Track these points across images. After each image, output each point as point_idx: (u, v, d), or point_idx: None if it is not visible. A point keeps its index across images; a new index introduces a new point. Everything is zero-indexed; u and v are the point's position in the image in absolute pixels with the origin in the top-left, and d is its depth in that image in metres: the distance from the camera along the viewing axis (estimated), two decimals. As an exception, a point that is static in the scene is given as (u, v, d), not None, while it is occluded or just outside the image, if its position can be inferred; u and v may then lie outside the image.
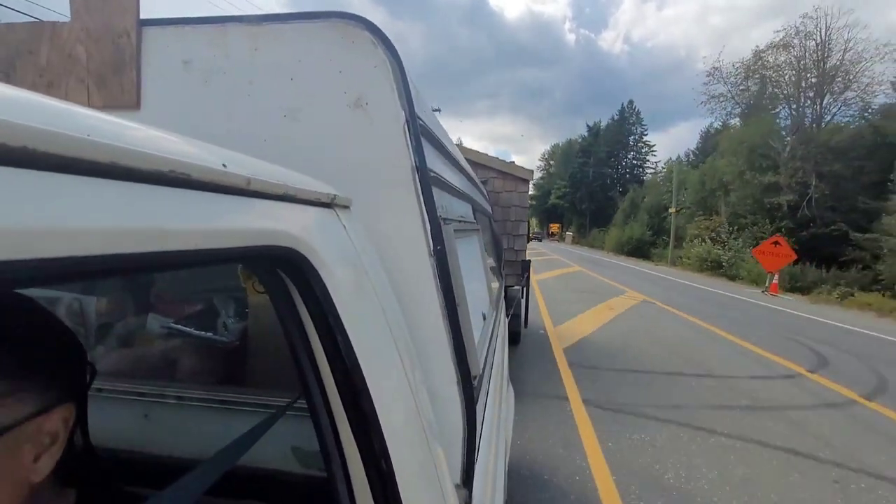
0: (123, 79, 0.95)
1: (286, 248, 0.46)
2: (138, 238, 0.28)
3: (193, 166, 0.33)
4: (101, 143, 0.26)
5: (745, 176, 18.95)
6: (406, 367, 0.67)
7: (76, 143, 0.25)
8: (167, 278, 1.08)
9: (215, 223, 0.36)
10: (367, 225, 0.79)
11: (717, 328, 8.15)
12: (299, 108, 0.88)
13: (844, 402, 4.75)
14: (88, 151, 0.26)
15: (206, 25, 0.91)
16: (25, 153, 0.23)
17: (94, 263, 0.26)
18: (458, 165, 1.47)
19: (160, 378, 1.02)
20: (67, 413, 0.50)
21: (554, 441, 3.56)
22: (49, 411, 0.48)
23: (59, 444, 0.49)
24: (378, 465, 0.55)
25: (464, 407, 0.86)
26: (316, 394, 0.55)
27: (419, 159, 0.86)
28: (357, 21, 0.86)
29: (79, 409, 0.57)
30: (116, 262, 0.28)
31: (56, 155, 0.24)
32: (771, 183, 17.86)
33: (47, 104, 0.26)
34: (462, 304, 0.94)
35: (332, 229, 0.57)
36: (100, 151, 0.26)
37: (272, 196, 0.45)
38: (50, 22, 0.97)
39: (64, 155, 0.24)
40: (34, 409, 0.46)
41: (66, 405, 0.50)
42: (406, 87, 0.87)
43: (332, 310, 0.51)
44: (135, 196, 0.28)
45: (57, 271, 0.24)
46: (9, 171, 0.22)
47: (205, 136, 0.92)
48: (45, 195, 0.23)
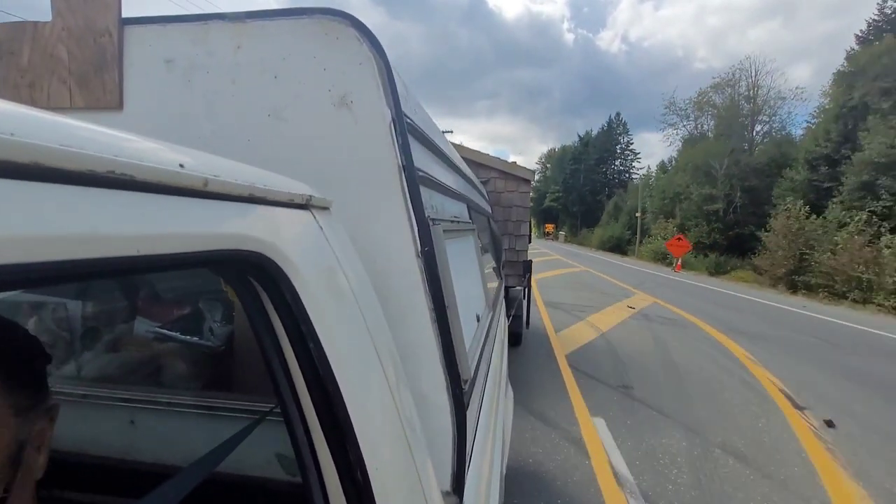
0: (105, 78, 0.93)
1: (253, 252, 0.44)
2: (65, 244, 0.26)
3: (137, 167, 0.31)
4: (21, 142, 0.24)
5: (690, 188, 25.34)
6: (388, 372, 0.64)
7: None
8: (154, 283, 1.07)
9: (164, 227, 0.33)
10: (353, 226, 0.77)
11: (617, 280, 15.67)
12: (284, 106, 0.86)
13: (627, 292, 11.67)
14: (7, 152, 0.24)
15: (188, 23, 0.89)
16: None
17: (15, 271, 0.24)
18: (452, 164, 1.45)
19: (146, 383, 1.00)
20: (54, 413, 0.52)
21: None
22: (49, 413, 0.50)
23: (48, 442, 0.50)
24: (353, 474, 0.53)
25: (453, 412, 0.84)
26: (290, 402, 0.53)
27: (406, 158, 0.84)
28: (342, 17, 0.84)
29: None
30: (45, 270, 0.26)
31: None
32: (709, 194, 24.02)
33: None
34: (452, 306, 0.91)
35: (306, 232, 0.54)
36: (20, 151, 0.24)
37: (236, 198, 0.42)
38: (31, 21, 0.95)
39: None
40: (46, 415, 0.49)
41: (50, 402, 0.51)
42: (392, 85, 0.85)
43: (303, 317, 0.49)
44: (61, 199, 0.26)
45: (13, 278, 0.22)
46: None
47: (188, 136, 0.91)
48: None
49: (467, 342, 1.04)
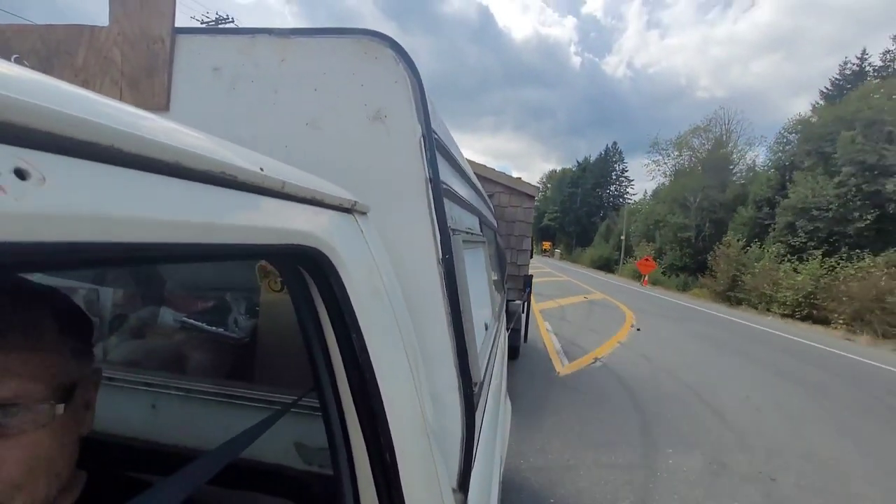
0: (155, 81, 1.00)
1: (310, 247, 0.49)
2: (192, 230, 0.32)
3: (239, 168, 0.37)
4: (169, 146, 0.30)
5: (667, 218, 29.85)
6: (413, 369, 0.69)
7: (149, 144, 0.29)
8: (182, 274, 1.12)
9: (253, 220, 0.39)
10: (380, 232, 0.83)
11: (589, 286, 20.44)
12: (321, 117, 0.93)
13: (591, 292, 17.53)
14: (161, 153, 0.29)
15: (237, 35, 0.96)
16: (111, 151, 0.26)
17: (154, 250, 0.30)
18: (468, 179, 1.52)
19: (169, 370, 1.04)
20: (97, 380, 0.56)
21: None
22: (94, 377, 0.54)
23: (93, 407, 0.54)
24: (384, 463, 0.58)
25: (464, 413, 0.89)
26: (328, 390, 0.58)
27: (433, 172, 0.90)
28: (381, 38, 0.91)
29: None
30: (172, 251, 0.31)
31: (137, 155, 0.28)
32: (682, 223, 28.57)
33: (128, 111, 0.30)
34: (467, 312, 0.97)
35: (351, 233, 0.60)
36: (169, 153, 0.30)
37: (302, 199, 0.48)
38: (89, 25, 1.02)
39: (140, 154, 0.28)
40: (88, 371, 0.53)
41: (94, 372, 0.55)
42: (423, 103, 0.91)
43: (348, 308, 0.54)
44: (192, 191, 0.32)
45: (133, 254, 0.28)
46: (97, 166, 0.26)
47: (230, 140, 0.97)
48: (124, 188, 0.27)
49: (477, 348, 1.09)
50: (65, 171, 0.23)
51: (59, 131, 0.23)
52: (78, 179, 0.24)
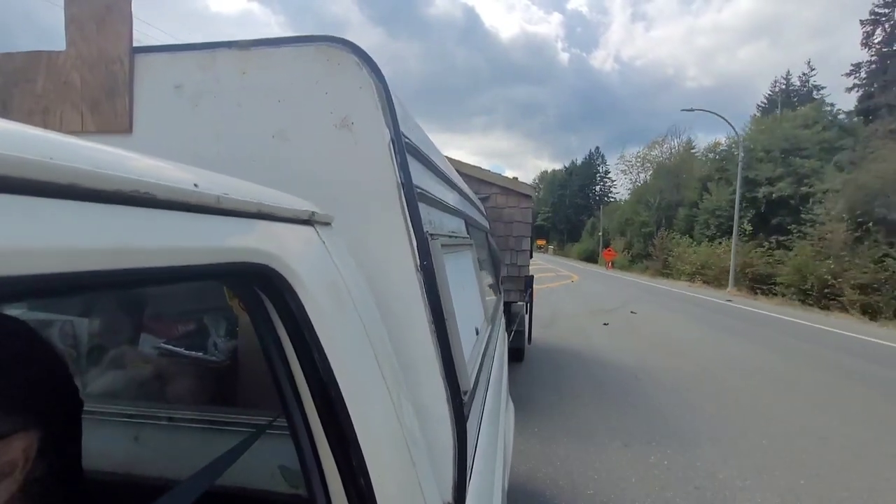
0: (116, 103, 0.97)
1: (261, 265, 0.47)
2: (98, 256, 0.29)
3: (158, 186, 0.34)
4: (59, 165, 0.27)
5: (634, 216, 38.06)
6: (389, 383, 0.66)
7: (35, 165, 0.26)
8: (159, 299, 1.09)
9: (182, 241, 0.36)
10: (354, 241, 0.80)
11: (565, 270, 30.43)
12: (287, 128, 0.90)
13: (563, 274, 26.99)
14: (47, 174, 0.27)
15: (196, 51, 0.93)
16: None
17: (54, 281, 0.27)
18: (450, 182, 1.49)
19: (151, 399, 1.01)
20: (28, 442, 0.48)
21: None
22: (4, 440, 0.45)
23: (18, 474, 0.47)
24: (357, 484, 0.55)
25: (453, 423, 0.86)
26: (295, 412, 0.55)
27: (404, 176, 0.87)
28: (342, 44, 0.89)
29: (60, 438, 0.56)
30: (79, 280, 0.28)
31: (15, 178, 0.25)
32: (645, 220, 36.08)
33: (12, 130, 0.27)
34: (451, 318, 0.94)
35: (310, 246, 0.57)
36: (59, 174, 0.27)
37: (245, 214, 0.45)
38: (46, 51, 1.00)
39: (23, 177, 0.25)
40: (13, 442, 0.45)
41: (26, 434, 0.48)
42: (391, 107, 0.89)
43: (308, 327, 0.51)
44: (94, 216, 0.29)
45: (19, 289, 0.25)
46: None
47: (195, 158, 0.95)
48: (4, 216, 0.24)
49: (466, 354, 1.06)
50: None
51: None
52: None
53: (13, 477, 0.47)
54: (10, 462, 0.46)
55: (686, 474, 3.48)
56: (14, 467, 0.47)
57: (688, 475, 3.47)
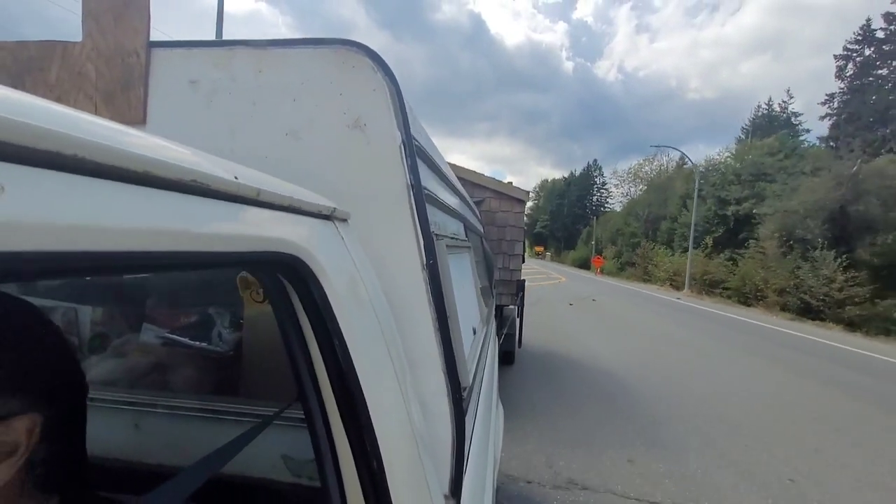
0: (130, 95, 0.99)
1: (289, 255, 0.49)
2: (164, 238, 0.31)
3: (211, 177, 0.37)
4: (138, 155, 0.30)
5: (624, 227, 41.50)
6: (399, 375, 0.69)
7: (119, 154, 0.28)
8: (164, 289, 1.10)
9: (228, 229, 0.39)
10: (363, 238, 0.83)
11: (560, 276, 31.82)
12: (300, 127, 0.93)
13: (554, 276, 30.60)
14: (129, 162, 0.29)
15: (213, 48, 0.96)
16: (76, 161, 0.26)
17: (124, 259, 0.29)
18: (452, 186, 1.52)
19: (152, 387, 1.02)
20: (31, 423, 0.48)
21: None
22: (7, 420, 0.46)
23: (20, 455, 0.47)
24: (371, 471, 0.57)
25: (453, 418, 0.88)
26: (312, 398, 0.57)
27: (414, 178, 0.90)
28: (358, 48, 0.92)
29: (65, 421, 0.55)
30: (147, 259, 0.31)
31: (104, 164, 0.27)
32: (634, 231, 39.31)
33: (97, 123, 0.30)
34: (453, 316, 0.97)
35: (331, 240, 0.60)
36: (137, 162, 0.30)
37: (278, 207, 0.48)
38: (61, 41, 1.01)
39: (109, 164, 0.28)
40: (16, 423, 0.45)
41: (30, 415, 0.48)
42: (403, 110, 0.92)
43: (330, 316, 0.54)
44: (163, 201, 0.32)
45: (97, 264, 0.27)
46: (66, 177, 0.25)
47: (209, 152, 0.96)
48: (92, 198, 0.27)
49: (465, 352, 1.09)
50: (25, 181, 0.23)
51: (18, 142, 0.23)
52: (40, 189, 0.24)
53: (15, 458, 0.47)
54: (13, 443, 0.46)
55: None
56: (16, 448, 0.47)
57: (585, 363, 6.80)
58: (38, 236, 0.23)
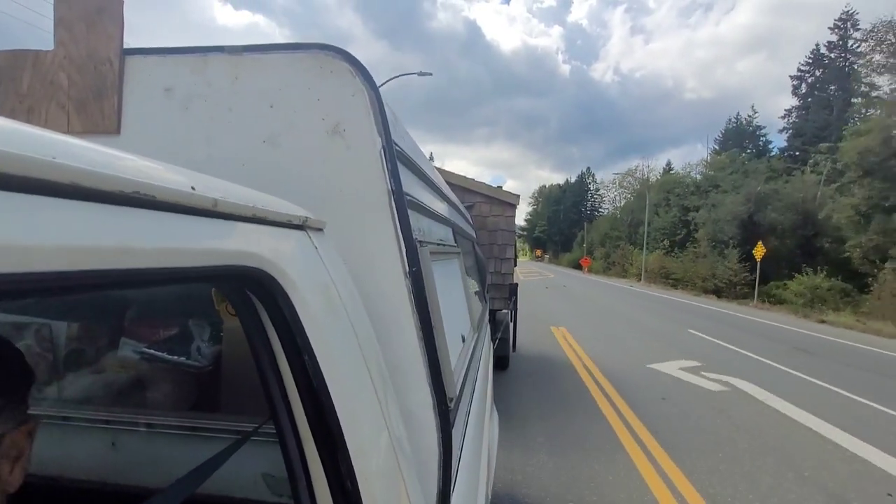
0: (104, 104, 0.96)
1: (254, 268, 0.47)
2: (100, 255, 0.29)
3: (159, 188, 0.35)
4: (63, 165, 0.27)
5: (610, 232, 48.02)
6: (378, 389, 0.67)
7: (39, 164, 0.26)
8: (141, 302, 1.07)
9: (180, 243, 0.37)
10: (344, 247, 0.81)
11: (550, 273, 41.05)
12: (279, 134, 0.90)
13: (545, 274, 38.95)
14: (51, 173, 0.27)
15: (188, 55, 0.93)
16: None
17: (56, 279, 0.27)
18: (438, 190, 1.50)
19: (129, 405, 0.99)
20: (32, 428, 0.51)
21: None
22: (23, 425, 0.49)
23: (26, 458, 0.50)
24: (345, 491, 0.55)
25: (439, 430, 0.86)
26: (283, 416, 0.55)
27: (395, 183, 0.88)
28: (336, 52, 0.90)
29: None
30: (79, 279, 0.28)
31: (19, 176, 0.25)
32: (619, 235, 44.93)
33: (16, 129, 0.27)
34: (438, 325, 0.94)
35: (303, 251, 0.58)
36: (62, 173, 0.27)
37: (240, 217, 0.46)
38: (33, 50, 0.98)
39: (27, 176, 0.26)
40: (12, 425, 0.48)
41: (30, 420, 0.51)
42: (383, 115, 0.90)
43: (300, 331, 0.51)
44: (97, 216, 0.29)
45: (20, 286, 0.25)
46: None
47: (185, 161, 0.94)
48: (7, 214, 0.24)
49: (453, 361, 1.07)
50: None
51: None
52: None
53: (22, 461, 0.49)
54: (21, 447, 0.49)
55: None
56: (23, 452, 0.50)
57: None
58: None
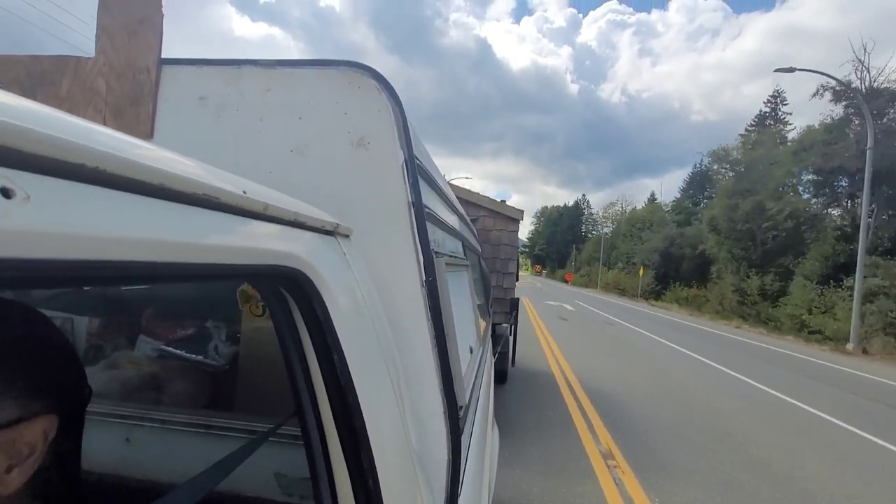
0: (140, 110, 1.01)
1: (293, 268, 0.50)
2: (178, 249, 0.32)
3: (221, 191, 0.38)
4: (154, 168, 0.31)
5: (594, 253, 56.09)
6: (396, 392, 0.69)
7: (138, 168, 0.30)
8: (161, 301, 1.10)
9: (236, 241, 0.40)
10: (364, 254, 0.84)
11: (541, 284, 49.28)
12: (306, 144, 0.94)
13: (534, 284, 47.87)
14: (146, 175, 0.30)
15: (222, 66, 0.98)
16: (96, 173, 0.27)
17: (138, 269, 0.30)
18: (451, 205, 1.54)
19: (146, 401, 1.01)
20: (48, 425, 0.48)
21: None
22: (29, 421, 0.46)
23: (36, 457, 0.47)
24: (367, 491, 0.57)
25: (449, 437, 0.88)
26: (309, 415, 0.57)
27: (416, 196, 0.92)
28: (364, 70, 0.94)
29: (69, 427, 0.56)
30: (159, 269, 0.32)
31: (123, 177, 0.28)
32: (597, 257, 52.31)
33: (113, 136, 0.31)
34: (451, 334, 0.97)
35: (333, 255, 0.61)
36: (153, 175, 0.31)
37: (284, 221, 0.49)
38: (74, 56, 1.03)
39: (128, 177, 0.29)
40: (12, 417, 0.44)
41: (48, 416, 0.48)
42: (406, 130, 0.94)
43: (330, 330, 0.54)
44: (176, 213, 0.33)
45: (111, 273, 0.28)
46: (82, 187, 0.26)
47: (214, 166, 0.98)
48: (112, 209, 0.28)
49: (462, 371, 1.09)
50: (50, 190, 0.24)
51: (45, 153, 0.24)
52: (63, 199, 0.25)
53: (32, 460, 0.47)
54: (31, 444, 0.47)
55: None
56: (34, 450, 0.47)
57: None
58: (58, 244, 0.23)
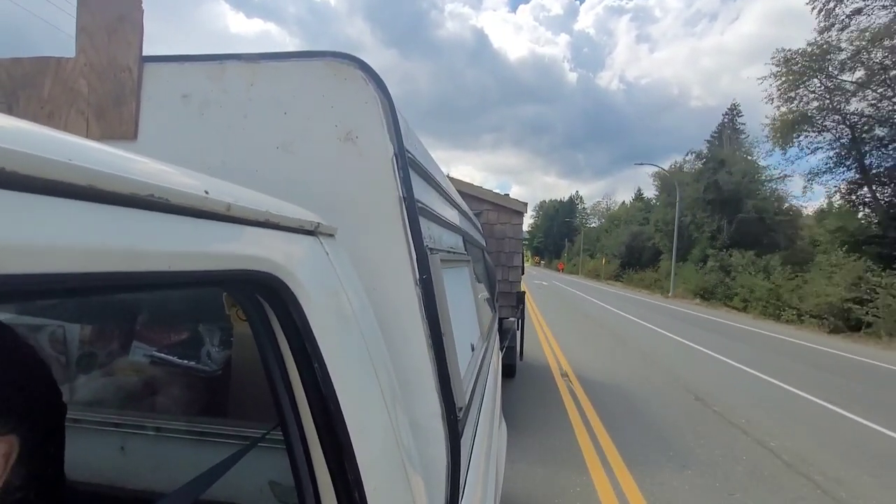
0: (123, 110, 0.98)
1: (266, 273, 0.47)
2: (113, 258, 0.29)
3: (173, 191, 0.35)
4: (79, 167, 0.27)
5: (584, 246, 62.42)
6: (386, 396, 0.66)
7: (56, 166, 0.26)
8: (154, 306, 1.08)
9: (193, 246, 0.36)
10: (354, 253, 0.80)
11: (533, 271, 60.95)
12: (292, 140, 0.91)
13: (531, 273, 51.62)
14: (67, 175, 0.27)
15: (205, 62, 0.95)
16: (4, 175, 0.24)
17: (69, 281, 0.27)
18: (449, 198, 1.50)
19: (139, 408, 0.99)
20: (8, 448, 0.47)
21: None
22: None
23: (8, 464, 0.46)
24: (350, 495, 0.54)
25: (448, 440, 0.85)
26: (291, 422, 0.54)
27: (407, 190, 0.88)
28: (350, 60, 0.90)
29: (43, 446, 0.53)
30: (91, 281, 0.28)
31: (36, 178, 0.25)
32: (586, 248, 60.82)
33: (33, 131, 0.28)
34: (448, 334, 0.93)
35: (314, 257, 0.57)
36: (78, 175, 0.27)
37: (253, 222, 0.46)
38: (55, 57, 1.00)
39: (44, 178, 0.26)
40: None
41: (5, 438, 0.47)
42: (395, 122, 0.90)
43: (309, 337, 0.51)
44: (111, 218, 0.29)
45: (34, 287, 0.25)
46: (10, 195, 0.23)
47: (200, 166, 0.95)
48: (24, 215, 0.24)
49: (462, 370, 1.06)
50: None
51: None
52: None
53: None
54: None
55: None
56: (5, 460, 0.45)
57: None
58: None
